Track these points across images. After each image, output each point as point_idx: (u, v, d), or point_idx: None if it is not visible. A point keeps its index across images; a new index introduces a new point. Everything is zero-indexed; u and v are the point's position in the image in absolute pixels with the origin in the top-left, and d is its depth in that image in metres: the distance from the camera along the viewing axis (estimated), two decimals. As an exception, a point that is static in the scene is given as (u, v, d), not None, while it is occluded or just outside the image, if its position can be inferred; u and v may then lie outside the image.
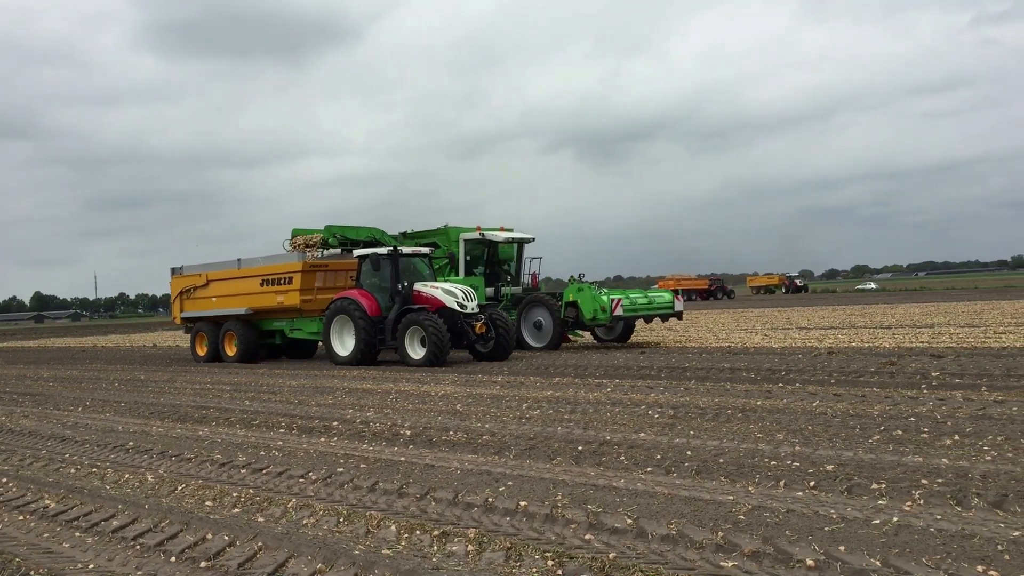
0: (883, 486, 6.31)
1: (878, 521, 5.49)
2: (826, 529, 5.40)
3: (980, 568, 4.60)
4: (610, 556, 5.09)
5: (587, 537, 5.52)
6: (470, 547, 5.44)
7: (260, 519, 6.42)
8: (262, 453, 9.03)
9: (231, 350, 23.15)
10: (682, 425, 9.31)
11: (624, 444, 8.40)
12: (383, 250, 19.92)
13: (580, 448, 8.30)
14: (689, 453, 7.82)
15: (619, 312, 20.79)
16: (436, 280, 20.32)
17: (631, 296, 21.72)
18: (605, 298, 20.91)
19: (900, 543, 5.06)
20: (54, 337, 57.90)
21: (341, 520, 6.22)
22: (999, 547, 4.89)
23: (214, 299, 23.80)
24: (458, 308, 18.68)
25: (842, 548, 5.01)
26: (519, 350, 21.15)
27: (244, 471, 8.19)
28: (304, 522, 6.25)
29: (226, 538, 5.92)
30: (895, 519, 5.51)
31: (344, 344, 19.97)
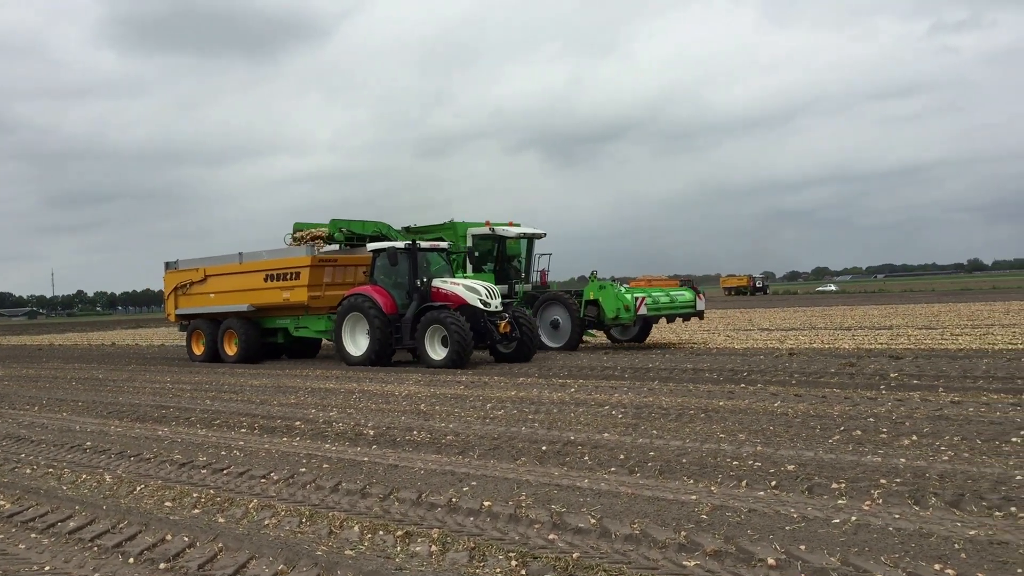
0: (843, 486, 6.39)
1: (838, 520, 5.56)
2: (787, 528, 5.45)
3: (937, 567, 4.67)
4: (574, 556, 5.10)
5: (551, 537, 5.52)
6: (434, 547, 5.42)
7: (221, 520, 6.35)
8: (223, 453, 8.93)
9: (231, 349, 21.77)
10: (645, 425, 9.36)
11: (588, 444, 8.42)
12: (400, 244, 18.68)
13: (544, 448, 8.31)
14: (652, 453, 7.86)
15: (643, 311, 19.93)
16: (454, 276, 19.21)
17: (654, 295, 20.72)
18: (629, 296, 19.93)
19: (859, 542, 5.13)
20: (9, 335, 56.81)
21: (303, 521, 6.16)
22: (956, 546, 4.97)
23: (212, 295, 22.44)
24: (481, 306, 17.55)
25: (803, 547, 5.06)
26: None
27: (204, 471, 8.10)
28: (266, 523, 6.19)
29: (186, 539, 5.84)
30: (854, 518, 5.58)
31: (356, 343, 18.85)
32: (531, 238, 22.40)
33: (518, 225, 22.13)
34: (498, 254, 21.92)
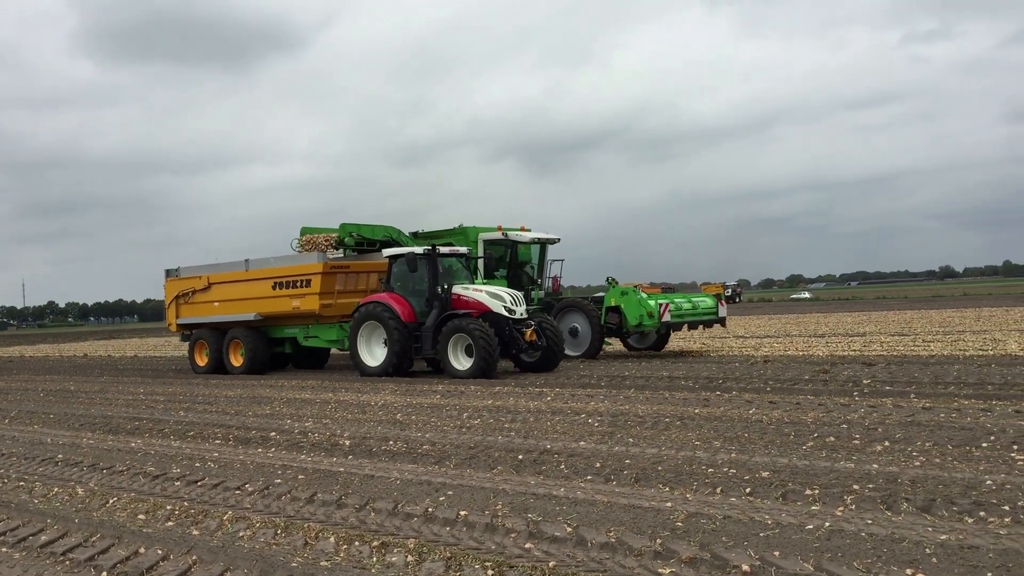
0: (816, 492, 6.44)
1: (811, 526, 5.60)
2: (761, 535, 5.49)
3: (909, 571, 4.72)
4: (550, 564, 5.11)
5: (527, 546, 5.53)
6: (410, 557, 5.41)
7: (195, 532, 6.30)
8: (197, 465, 8.87)
9: (237, 360, 20.97)
10: (621, 433, 9.39)
11: (564, 453, 8.43)
12: (419, 249, 17.96)
13: (520, 457, 8.32)
14: (628, 461, 7.88)
15: (667, 318, 19.24)
16: (474, 283, 18.41)
17: (676, 301, 20.15)
18: (653, 303, 19.26)
19: (832, 548, 5.17)
20: (-21, 347, 56.07)
21: (278, 532, 6.13)
22: (927, 550, 5.03)
23: (217, 304, 21.50)
24: (506, 313, 16.89)
25: (777, 553, 5.10)
26: None
27: (178, 483, 8.03)
28: (240, 535, 6.15)
29: (159, 552, 5.79)
30: (828, 524, 5.63)
31: (372, 353, 18.14)
32: (545, 243, 21.76)
33: (529, 230, 21.45)
34: (511, 260, 21.23)
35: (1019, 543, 5.07)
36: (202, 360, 21.87)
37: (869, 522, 5.65)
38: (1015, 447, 7.70)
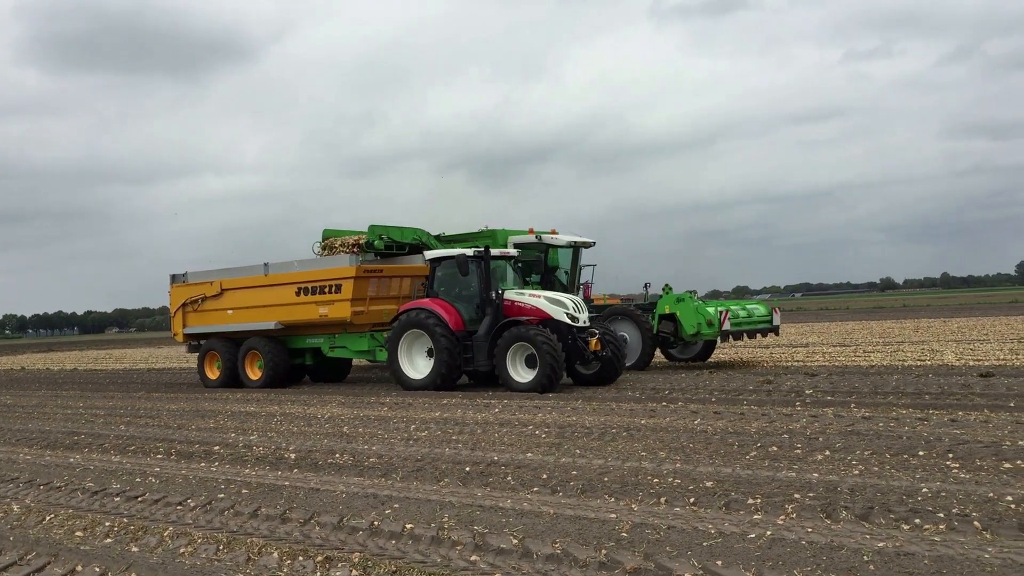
0: (759, 501, 6.54)
1: (753, 535, 5.68)
2: (704, 544, 5.55)
3: (847, 578, 4.81)
4: (495, 577, 5.11)
5: (472, 558, 5.52)
6: (354, 571, 5.37)
7: (134, 549, 6.18)
8: (138, 480, 8.70)
9: (254, 373, 19.30)
10: (568, 445, 9.42)
11: (511, 464, 8.44)
12: (470, 252, 16.30)
13: (468, 469, 8.31)
14: (575, 472, 7.92)
15: (727, 326, 18.06)
16: (523, 288, 17.08)
17: (732, 308, 18.87)
18: (712, 310, 18.09)
19: (773, 556, 5.25)
20: (-89, 360, 54.36)
21: (221, 548, 6.04)
22: (865, 558, 5.13)
23: (231, 312, 19.79)
24: (569, 321, 15.52)
25: (719, 562, 5.17)
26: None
27: (118, 499, 7.87)
28: (181, 551, 6.05)
29: (97, 570, 5.67)
30: (769, 533, 5.71)
31: (415, 365, 16.62)
32: (579, 247, 20.30)
33: (555, 234, 19.94)
34: (544, 265, 19.57)
35: (953, 550, 5.20)
36: (213, 373, 20.13)
37: (809, 530, 5.75)
38: (950, 455, 7.90)
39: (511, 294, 16.12)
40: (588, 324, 15.95)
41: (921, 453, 8.06)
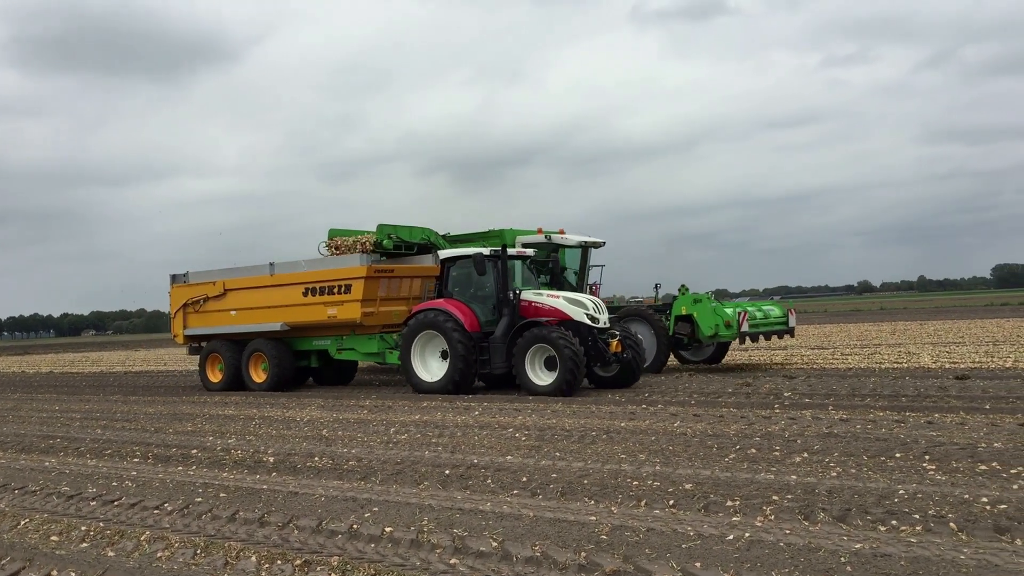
0: (737, 503, 6.57)
1: (732, 537, 5.71)
2: (683, 546, 5.57)
3: (824, 579, 4.84)
4: (475, 580, 5.10)
5: (452, 561, 5.51)
6: (333, 575, 5.35)
7: (110, 553, 6.12)
8: (114, 484, 8.62)
9: (258, 375, 18.84)
10: (548, 447, 9.43)
11: (491, 467, 8.44)
12: (486, 251, 15.99)
13: (447, 472, 8.29)
14: (555, 475, 7.92)
15: (745, 327, 17.74)
16: (541, 289, 16.75)
17: (748, 309, 18.50)
18: (730, 311, 17.72)
19: (752, 558, 5.28)
20: None
21: (198, 552, 6.00)
22: (842, 559, 5.17)
23: (234, 312, 19.26)
24: (589, 322, 15.22)
25: (698, 564, 5.18)
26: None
27: (94, 503, 7.80)
28: (158, 555, 6.00)
29: (73, 574, 5.63)
30: (747, 535, 5.74)
31: (428, 367, 16.25)
32: (589, 247, 20.03)
33: (564, 234, 19.62)
34: (552, 265, 18.87)
35: (929, 551, 5.24)
36: (215, 376, 19.64)
37: (787, 532, 5.78)
38: (927, 457, 7.96)
39: (528, 294, 15.83)
40: (608, 325, 15.72)
41: (898, 455, 8.12)
